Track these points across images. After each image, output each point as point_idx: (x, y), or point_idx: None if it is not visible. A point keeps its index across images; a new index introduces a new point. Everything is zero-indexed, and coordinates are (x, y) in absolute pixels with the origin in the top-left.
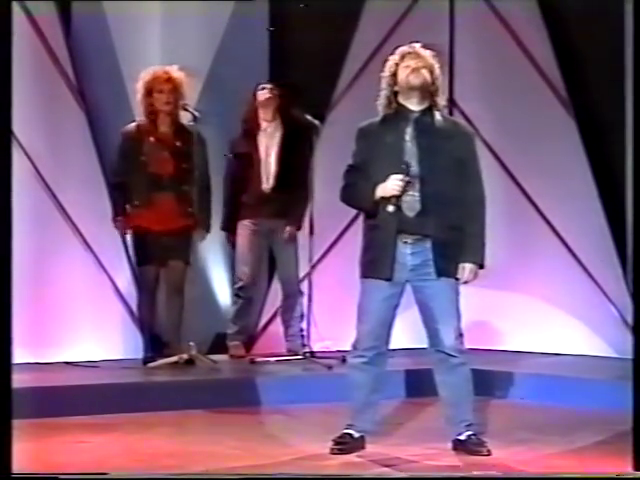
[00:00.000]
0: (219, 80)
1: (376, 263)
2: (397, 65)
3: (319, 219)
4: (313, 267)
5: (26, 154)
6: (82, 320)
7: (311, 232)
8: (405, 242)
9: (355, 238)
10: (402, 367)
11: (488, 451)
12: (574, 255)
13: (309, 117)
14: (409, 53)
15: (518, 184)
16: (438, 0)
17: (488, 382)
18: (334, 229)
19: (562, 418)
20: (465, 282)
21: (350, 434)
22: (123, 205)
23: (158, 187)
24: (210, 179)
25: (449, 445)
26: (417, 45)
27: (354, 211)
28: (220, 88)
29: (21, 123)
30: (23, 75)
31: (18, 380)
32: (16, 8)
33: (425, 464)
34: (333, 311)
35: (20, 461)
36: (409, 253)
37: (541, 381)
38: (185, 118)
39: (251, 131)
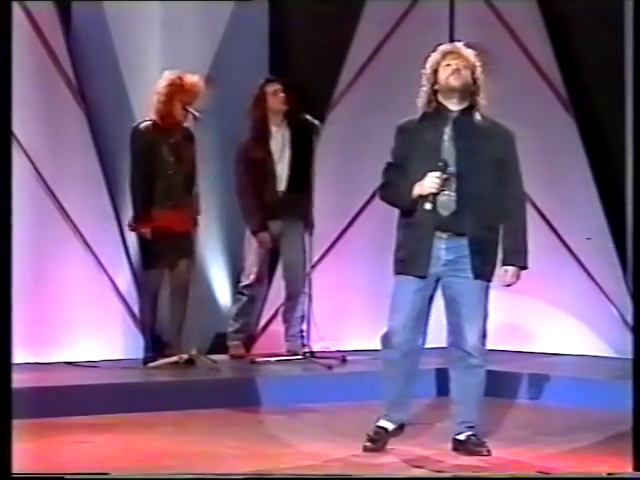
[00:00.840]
0: (219, 80)
1: (411, 260)
2: (438, 63)
3: (319, 219)
4: (313, 267)
5: (26, 154)
6: (82, 320)
7: (311, 232)
8: (440, 237)
9: (355, 238)
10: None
11: (488, 451)
12: (574, 255)
13: (309, 117)
14: (451, 52)
15: None
16: (438, 0)
17: (488, 382)
18: (334, 229)
19: (562, 418)
20: (508, 285)
21: (385, 428)
22: (147, 207)
23: (185, 188)
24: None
25: (446, 445)
26: (459, 44)
27: (354, 211)
28: (220, 88)
29: (21, 123)
30: (23, 75)
31: (18, 380)
32: (16, 8)
33: (424, 463)
34: (333, 311)
35: (20, 461)
36: (443, 248)
37: (541, 381)
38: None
39: (263, 135)
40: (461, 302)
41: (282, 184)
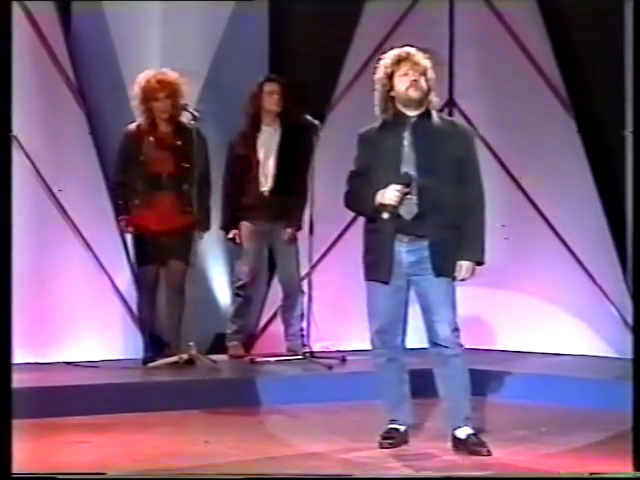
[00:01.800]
0: (219, 80)
1: (376, 266)
2: (393, 70)
3: (319, 219)
4: (313, 267)
5: (26, 154)
6: (82, 320)
7: (311, 232)
8: (401, 241)
9: (355, 238)
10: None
11: (488, 451)
12: (574, 255)
13: (309, 117)
14: (405, 58)
15: (518, 184)
16: (438, 0)
17: (488, 382)
18: (334, 229)
19: (562, 418)
20: (462, 280)
21: (396, 428)
22: (125, 204)
23: (158, 187)
24: (210, 177)
25: (446, 445)
26: (412, 49)
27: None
28: (220, 88)
29: (21, 123)
30: (23, 75)
31: (18, 380)
32: (16, 8)
33: (424, 464)
34: (333, 311)
35: (20, 461)
36: (404, 251)
37: (541, 381)
38: (185, 117)
39: (250, 133)
40: (430, 298)
41: (268, 183)
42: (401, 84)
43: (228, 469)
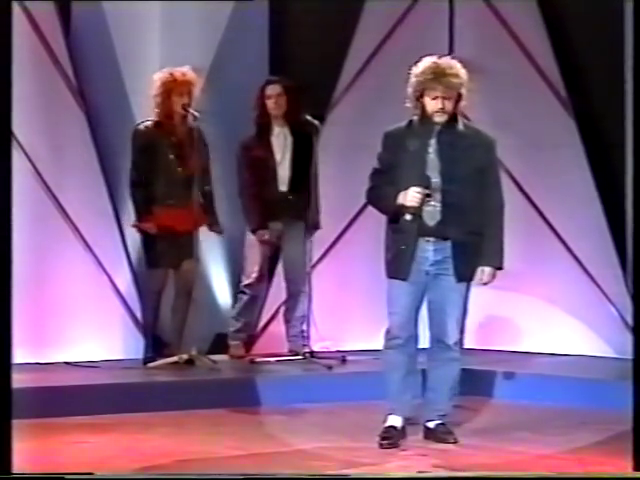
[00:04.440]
0: (219, 80)
1: (397, 264)
2: (425, 86)
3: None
4: (313, 267)
5: (26, 154)
6: (82, 320)
7: (311, 232)
8: (428, 241)
9: (355, 239)
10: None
11: (455, 439)
12: (574, 255)
13: (309, 117)
14: (438, 79)
15: (518, 185)
16: (438, 0)
17: (488, 382)
18: (334, 229)
19: (562, 418)
20: (485, 284)
21: (394, 426)
22: (148, 204)
23: (188, 187)
24: (211, 177)
25: (446, 446)
26: (448, 64)
27: (354, 212)
28: (220, 88)
29: (21, 123)
30: (23, 75)
31: (18, 380)
32: (16, 8)
33: (424, 463)
34: (333, 311)
35: (20, 461)
36: (432, 249)
37: (541, 381)
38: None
39: (265, 134)
40: (446, 299)
41: (284, 184)
42: (429, 106)
43: (228, 469)
